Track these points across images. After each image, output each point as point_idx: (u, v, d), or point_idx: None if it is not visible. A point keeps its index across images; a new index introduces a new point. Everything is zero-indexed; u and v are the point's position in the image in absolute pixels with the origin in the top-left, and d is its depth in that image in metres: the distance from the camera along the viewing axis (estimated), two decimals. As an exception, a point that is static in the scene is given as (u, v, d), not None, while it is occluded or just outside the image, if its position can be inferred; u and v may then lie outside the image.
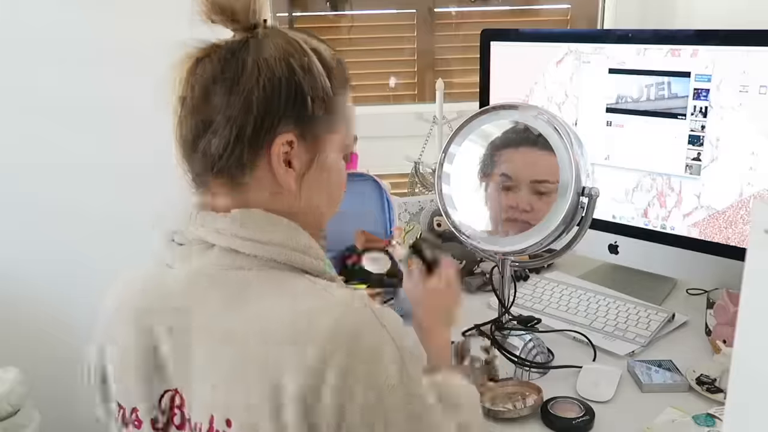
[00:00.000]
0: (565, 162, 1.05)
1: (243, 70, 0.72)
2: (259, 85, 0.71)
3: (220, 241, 0.74)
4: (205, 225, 0.75)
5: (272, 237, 0.73)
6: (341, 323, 0.67)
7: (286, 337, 0.67)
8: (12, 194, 1.75)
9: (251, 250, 0.73)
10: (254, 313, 0.70)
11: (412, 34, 2.01)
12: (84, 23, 1.65)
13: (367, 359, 0.67)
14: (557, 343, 1.22)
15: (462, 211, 1.15)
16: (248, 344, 0.68)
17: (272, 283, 0.72)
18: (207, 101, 0.72)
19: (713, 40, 1.21)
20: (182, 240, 0.77)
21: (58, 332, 1.83)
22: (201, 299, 0.73)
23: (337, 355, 0.65)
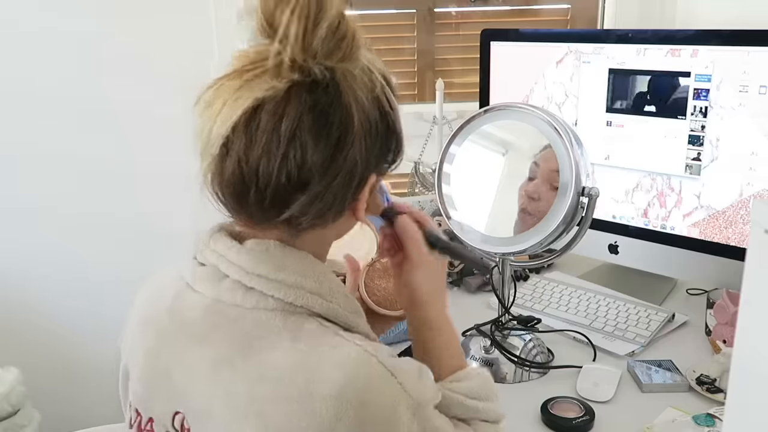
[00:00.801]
0: (565, 162, 1.05)
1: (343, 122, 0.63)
2: (361, 140, 0.65)
3: (232, 273, 0.68)
4: (217, 251, 0.70)
5: (289, 277, 0.67)
6: (351, 379, 0.62)
7: (293, 395, 0.62)
8: (12, 195, 1.75)
9: (268, 289, 0.67)
10: (264, 362, 0.65)
11: (412, 34, 2.01)
12: (88, 23, 1.65)
13: (380, 419, 0.62)
14: (557, 343, 1.22)
15: (462, 211, 1.15)
16: (257, 394, 0.64)
17: (285, 330, 0.66)
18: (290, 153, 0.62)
19: (713, 40, 1.21)
20: (202, 260, 0.72)
21: (58, 332, 1.83)
22: (214, 334, 0.68)
23: (346, 415, 0.61)
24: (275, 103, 0.62)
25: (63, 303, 1.82)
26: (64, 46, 1.65)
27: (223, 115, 0.62)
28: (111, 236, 1.77)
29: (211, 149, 0.64)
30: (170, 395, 0.72)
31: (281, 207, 0.65)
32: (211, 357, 0.68)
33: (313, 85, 0.62)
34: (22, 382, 1.62)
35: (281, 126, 0.62)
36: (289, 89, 0.62)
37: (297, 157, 0.62)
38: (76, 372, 1.86)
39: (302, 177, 0.63)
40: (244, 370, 0.66)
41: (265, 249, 0.68)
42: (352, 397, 0.62)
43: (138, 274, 0.84)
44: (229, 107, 0.62)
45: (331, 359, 0.64)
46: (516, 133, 1.13)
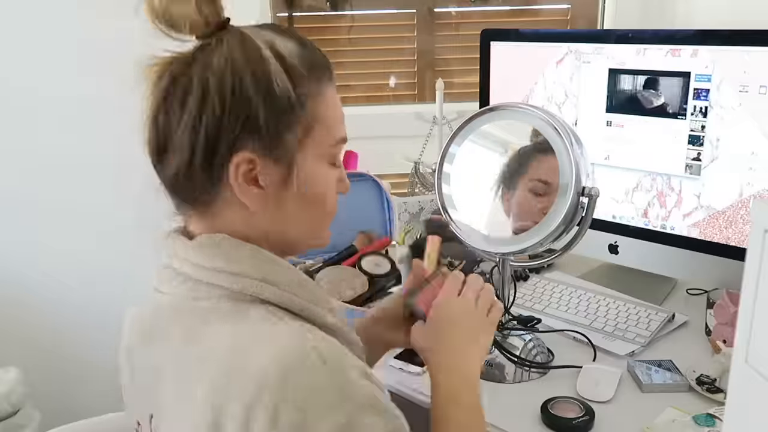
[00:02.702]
0: (565, 162, 1.05)
1: (189, 89, 0.68)
2: (207, 104, 0.67)
3: (184, 268, 0.72)
4: (173, 251, 0.74)
5: (239, 267, 0.70)
6: (279, 355, 0.63)
7: (223, 373, 0.65)
8: (12, 195, 1.75)
9: (216, 280, 0.70)
10: (206, 343, 0.68)
11: (412, 34, 2.01)
12: (86, 23, 1.65)
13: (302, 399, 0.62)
14: (557, 343, 1.22)
15: (462, 211, 1.15)
16: (198, 374, 0.67)
17: (231, 316, 0.69)
18: (159, 122, 0.70)
19: (713, 40, 1.21)
20: (165, 263, 0.76)
21: (58, 332, 1.83)
22: (171, 329, 0.72)
23: (266, 394, 0.61)
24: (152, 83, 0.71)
25: (63, 303, 1.82)
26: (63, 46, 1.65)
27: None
28: (111, 236, 1.77)
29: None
30: (146, 397, 0.76)
31: (162, 176, 0.73)
32: (170, 352, 0.72)
33: (179, 58, 0.70)
34: (22, 382, 1.62)
35: (153, 95, 0.71)
36: (171, 60, 0.70)
37: (159, 125, 0.70)
38: (76, 372, 1.86)
39: (161, 144, 0.71)
40: (191, 358, 0.69)
41: (215, 242, 0.71)
42: (275, 372, 0.62)
43: (139, 274, 0.84)
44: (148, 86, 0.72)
45: (265, 336, 0.66)
46: (516, 133, 1.13)
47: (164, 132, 0.70)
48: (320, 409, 0.62)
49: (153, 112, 0.70)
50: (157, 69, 0.70)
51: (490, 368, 1.13)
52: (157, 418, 0.74)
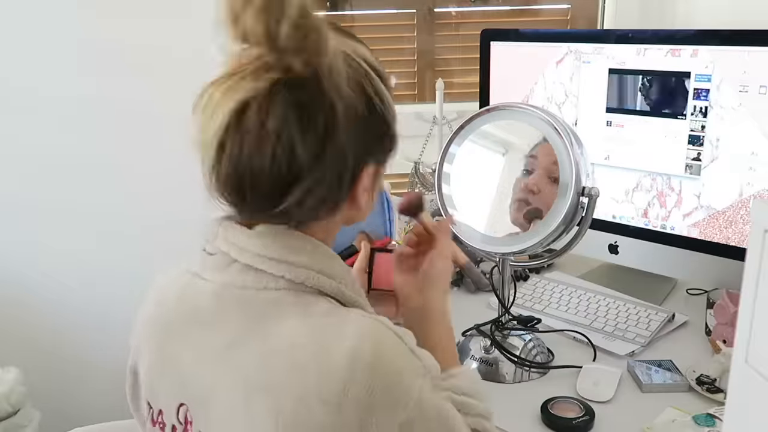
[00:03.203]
0: (565, 162, 1.05)
1: (327, 115, 0.65)
2: (347, 130, 0.66)
3: (243, 257, 0.70)
4: (227, 239, 0.72)
5: (299, 258, 0.70)
6: (364, 342, 0.65)
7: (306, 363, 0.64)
8: (12, 195, 1.75)
9: (278, 270, 0.69)
10: (276, 336, 0.67)
11: (412, 34, 2.02)
12: (86, 23, 1.65)
13: (391, 381, 0.64)
14: (557, 343, 1.22)
15: (462, 211, 1.15)
16: (269, 368, 0.66)
17: (296, 307, 0.69)
18: (278, 150, 0.64)
19: (713, 40, 1.21)
20: (212, 249, 0.74)
21: (58, 332, 1.83)
22: (224, 317, 0.71)
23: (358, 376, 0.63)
24: (258, 103, 0.64)
25: (63, 303, 1.82)
26: (63, 46, 1.65)
27: (214, 120, 0.65)
28: (112, 236, 1.77)
29: (209, 152, 0.66)
30: (176, 386, 0.73)
31: (276, 201, 0.67)
32: (222, 340, 0.70)
33: (293, 83, 0.64)
34: (22, 382, 1.62)
35: (267, 124, 0.64)
36: (271, 89, 0.64)
37: (286, 152, 0.64)
38: (76, 372, 1.86)
39: (293, 171, 0.65)
40: (254, 347, 0.67)
41: (274, 233, 0.71)
42: (365, 359, 0.64)
43: (139, 274, 0.84)
44: (219, 111, 0.64)
45: (343, 326, 0.66)
46: (516, 132, 1.13)
47: (288, 162, 0.65)
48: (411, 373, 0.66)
49: (274, 134, 0.64)
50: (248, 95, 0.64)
51: (490, 368, 1.14)
52: (194, 408, 0.71)
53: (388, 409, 0.64)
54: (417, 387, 0.66)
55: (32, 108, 1.69)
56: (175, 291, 0.77)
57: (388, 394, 0.64)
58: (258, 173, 0.65)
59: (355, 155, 0.68)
